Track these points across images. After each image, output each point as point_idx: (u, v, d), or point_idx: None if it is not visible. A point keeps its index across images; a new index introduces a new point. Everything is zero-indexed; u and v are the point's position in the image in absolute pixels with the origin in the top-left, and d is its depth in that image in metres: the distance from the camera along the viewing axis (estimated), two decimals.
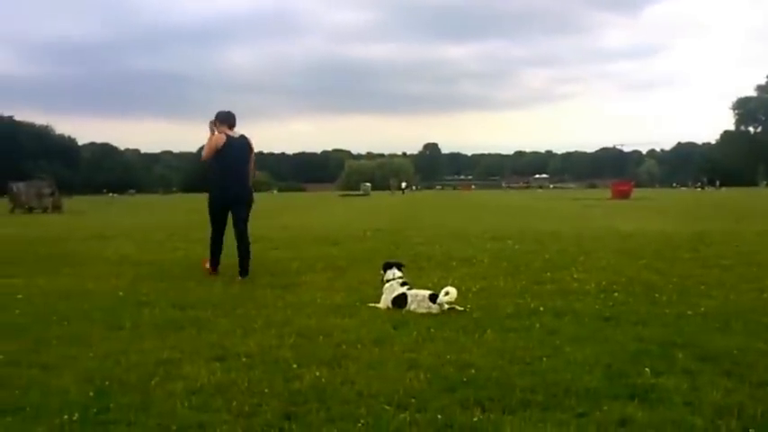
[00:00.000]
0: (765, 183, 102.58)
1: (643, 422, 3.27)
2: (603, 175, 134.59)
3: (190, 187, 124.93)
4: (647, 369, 4.08)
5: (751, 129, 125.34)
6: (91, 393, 3.80)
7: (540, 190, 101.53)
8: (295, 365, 4.28)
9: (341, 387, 3.87)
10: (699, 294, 6.74)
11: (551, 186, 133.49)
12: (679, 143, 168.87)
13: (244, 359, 4.46)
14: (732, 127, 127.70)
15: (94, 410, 3.54)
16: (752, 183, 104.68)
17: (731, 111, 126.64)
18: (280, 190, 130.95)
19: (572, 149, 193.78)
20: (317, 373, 4.09)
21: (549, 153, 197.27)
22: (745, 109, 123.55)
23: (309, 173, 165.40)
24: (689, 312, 5.82)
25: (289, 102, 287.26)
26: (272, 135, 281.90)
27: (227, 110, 8.61)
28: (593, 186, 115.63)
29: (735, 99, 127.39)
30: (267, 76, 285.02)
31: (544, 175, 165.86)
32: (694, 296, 6.64)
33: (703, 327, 5.28)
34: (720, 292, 6.88)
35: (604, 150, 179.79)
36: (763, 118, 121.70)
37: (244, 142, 8.61)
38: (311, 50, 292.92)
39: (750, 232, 14.81)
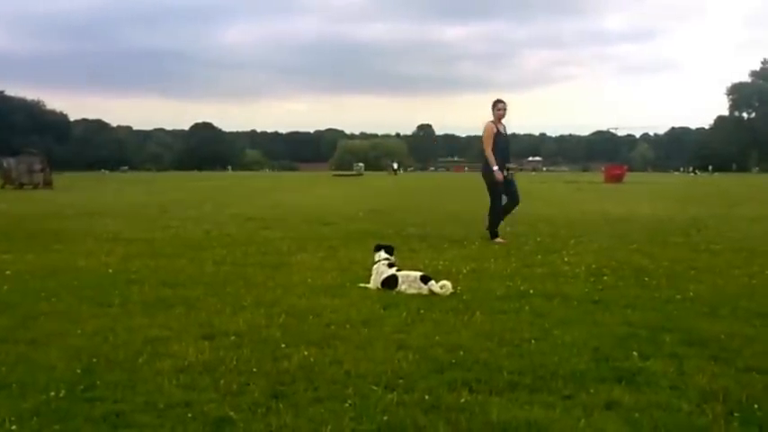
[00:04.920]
0: (757, 169, 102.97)
1: (629, 405, 3.28)
2: (597, 159, 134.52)
3: (181, 165, 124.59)
4: (634, 353, 4.10)
5: (745, 114, 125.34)
6: (78, 370, 3.79)
7: (533, 173, 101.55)
8: (283, 345, 4.27)
9: (329, 367, 3.87)
10: (688, 279, 6.77)
11: (545, 169, 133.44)
12: (673, 128, 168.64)
13: (232, 338, 4.45)
14: (726, 112, 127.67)
15: (81, 387, 3.53)
16: (744, 168, 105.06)
17: (726, 96, 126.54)
18: (272, 169, 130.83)
19: (566, 132, 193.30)
20: (306, 353, 4.09)
21: (543, 136, 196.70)
22: (740, 95, 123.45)
23: (303, 152, 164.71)
24: (678, 297, 5.84)
25: (283, 80, 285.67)
26: (266, 114, 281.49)
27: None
28: (586, 170, 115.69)
29: (729, 84, 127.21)
30: (262, 55, 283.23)
31: (538, 158, 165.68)
32: (683, 281, 6.66)
33: (691, 311, 5.30)
34: (709, 277, 6.91)
35: (598, 134, 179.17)
36: (757, 104, 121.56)
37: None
38: (307, 29, 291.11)
39: (741, 218, 14.88)
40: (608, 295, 5.93)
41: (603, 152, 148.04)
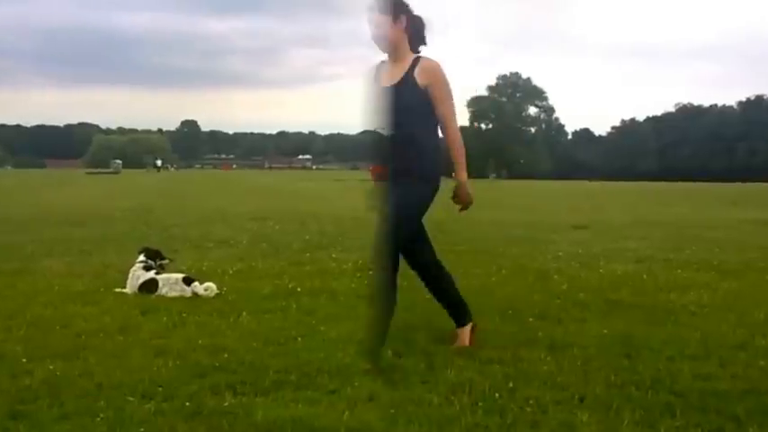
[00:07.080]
0: (494, 175, 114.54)
1: (386, 400, 3.37)
2: (366, 158, 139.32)
3: None
4: (389, 351, 4.17)
5: (483, 126, 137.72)
6: None
7: (303, 171, 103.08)
8: (25, 360, 3.83)
9: (78, 380, 3.54)
10: None
11: (314, 167, 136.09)
12: None
13: None
14: (467, 123, 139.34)
15: None
16: (483, 176, 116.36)
17: (466, 108, 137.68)
18: (15, 166, 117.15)
19: (335, 131, 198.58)
20: (51, 367, 3.71)
21: (312, 134, 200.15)
22: (478, 107, 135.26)
23: (51, 148, 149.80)
24: (428, 297, 6.13)
25: (27, 68, 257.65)
26: (7, 104, 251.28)
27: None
28: (355, 168, 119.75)
29: (469, 97, 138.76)
30: (2, 38, 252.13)
31: (307, 156, 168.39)
32: None
33: (439, 310, 5.51)
34: (455, 277, 7.40)
35: (366, 133, 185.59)
36: (493, 116, 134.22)
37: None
38: (56, 12, 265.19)
39: (481, 221, 16.39)
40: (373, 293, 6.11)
41: (370, 151, 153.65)
